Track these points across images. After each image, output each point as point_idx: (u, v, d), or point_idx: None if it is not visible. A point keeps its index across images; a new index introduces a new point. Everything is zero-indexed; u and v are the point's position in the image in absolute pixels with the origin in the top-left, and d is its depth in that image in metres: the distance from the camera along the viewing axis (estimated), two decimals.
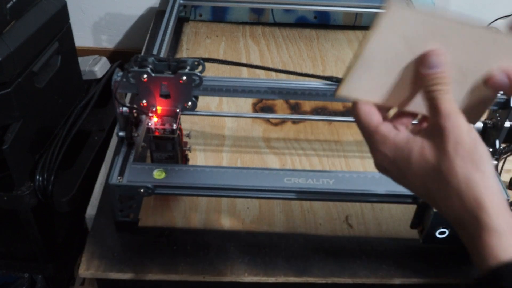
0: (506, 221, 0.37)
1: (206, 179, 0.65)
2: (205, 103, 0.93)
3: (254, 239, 0.69)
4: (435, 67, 0.41)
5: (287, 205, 0.74)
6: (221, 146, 0.84)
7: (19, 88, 0.77)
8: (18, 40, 0.77)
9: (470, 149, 0.38)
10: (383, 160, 0.42)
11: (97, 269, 0.63)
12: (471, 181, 0.38)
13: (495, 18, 1.37)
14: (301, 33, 1.21)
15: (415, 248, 0.68)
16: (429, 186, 0.40)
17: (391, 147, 0.41)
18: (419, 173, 0.40)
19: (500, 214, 0.37)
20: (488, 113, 0.72)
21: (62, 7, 0.90)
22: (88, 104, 1.00)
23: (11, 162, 0.78)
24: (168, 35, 0.99)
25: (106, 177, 0.77)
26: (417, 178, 0.40)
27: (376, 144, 0.42)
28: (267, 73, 1.03)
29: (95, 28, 1.36)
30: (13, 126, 0.78)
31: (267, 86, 0.68)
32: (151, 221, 0.70)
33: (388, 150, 0.41)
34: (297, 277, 0.64)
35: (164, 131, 0.65)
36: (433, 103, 0.40)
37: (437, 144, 0.39)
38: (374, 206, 0.74)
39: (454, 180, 0.38)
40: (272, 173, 0.67)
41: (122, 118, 0.67)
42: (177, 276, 0.63)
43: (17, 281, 1.09)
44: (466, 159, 0.38)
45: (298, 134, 0.88)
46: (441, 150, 0.39)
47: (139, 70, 0.63)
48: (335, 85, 0.68)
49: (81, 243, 0.70)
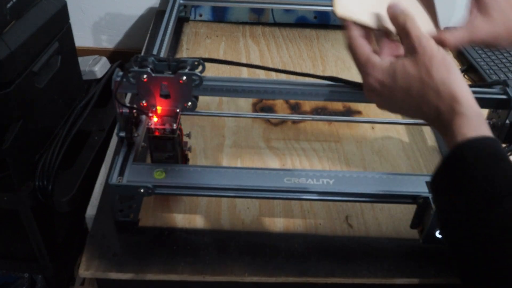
0: (474, 109, 0.47)
1: (206, 179, 0.65)
2: (205, 103, 0.93)
3: (254, 239, 0.69)
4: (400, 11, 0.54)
5: (287, 205, 0.74)
6: (221, 146, 0.84)
7: (19, 88, 0.77)
8: (18, 40, 0.77)
9: (442, 59, 0.49)
10: (374, 82, 0.52)
11: (97, 269, 0.63)
12: (446, 81, 0.48)
13: None
14: (301, 33, 1.21)
15: (415, 248, 0.68)
16: (412, 95, 0.50)
17: (379, 70, 0.51)
18: (403, 86, 0.50)
19: (470, 105, 0.47)
20: (488, 113, 0.72)
21: (62, 7, 0.90)
22: (88, 104, 1.00)
23: (11, 162, 0.78)
24: (168, 35, 0.99)
25: (106, 177, 0.77)
26: (402, 90, 0.50)
27: (368, 70, 0.52)
28: (267, 73, 1.03)
29: (95, 28, 1.36)
30: (13, 126, 0.78)
31: (267, 86, 0.68)
32: (151, 221, 0.70)
33: (377, 73, 0.51)
34: (297, 277, 0.64)
35: (164, 131, 0.65)
36: (406, 32, 0.52)
37: (416, 60, 0.50)
38: (374, 206, 0.74)
39: (432, 83, 0.48)
40: (272, 173, 0.67)
41: (122, 118, 0.67)
42: (177, 276, 0.63)
43: (17, 281, 1.09)
44: (440, 66, 0.49)
45: (298, 134, 0.88)
46: (419, 64, 0.49)
47: (139, 70, 0.63)
48: (335, 85, 0.69)
49: (81, 243, 0.70)
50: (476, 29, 0.56)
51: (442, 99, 0.48)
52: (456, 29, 0.56)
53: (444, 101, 0.47)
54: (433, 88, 0.48)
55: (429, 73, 0.49)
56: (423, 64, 0.49)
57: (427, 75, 0.49)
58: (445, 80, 0.48)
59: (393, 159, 0.84)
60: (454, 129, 0.46)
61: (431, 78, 0.48)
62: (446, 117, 0.47)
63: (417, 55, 0.50)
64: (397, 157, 0.84)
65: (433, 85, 0.48)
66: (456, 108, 0.47)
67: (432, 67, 0.49)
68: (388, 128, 0.91)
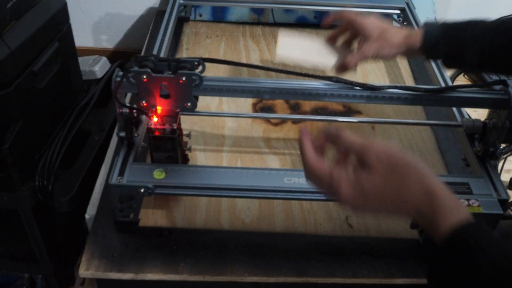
0: (449, 197, 0.46)
1: (206, 179, 0.65)
2: (205, 103, 0.93)
3: (254, 239, 0.69)
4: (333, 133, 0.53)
5: (287, 205, 0.74)
6: (221, 146, 0.84)
7: (19, 88, 0.77)
8: (18, 40, 0.77)
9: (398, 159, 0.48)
10: (346, 196, 0.49)
11: (97, 269, 0.63)
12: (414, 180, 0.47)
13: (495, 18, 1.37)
14: (301, 33, 1.21)
15: (415, 248, 0.68)
16: (387, 200, 0.48)
17: (347, 184, 0.49)
18: (376, 194, 0.48)
19: (445, 196, 0.46)
20: (488, 113, 0.72)
21: (62, 7, 0.90)
22: (88, 104, 1.00)
23: (11, 162, 0.78)
24: (168, 35, 0.99)
25: (106, 177, 0.77)
26: (375, 198, 0.48)
27: (336, 187, 0.49)
28: (267, 73, 1.02)
29: (95, 28, 1.36)
30: (13, 126, 0.78)
31: (267, 86, 0.68)
32: (151, 221, 0.70)
33: (346, 188, 0.49)
34: (297, 277, 0.64)
35: (164, 131, 0.65)
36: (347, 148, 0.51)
37: (375, 172, 0.48)
38: None
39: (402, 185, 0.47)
40: (272, 173, 0.67)
41: (122, 118, 0.67)
42: (177, 276, 0.63)
43: (17, 281, 1.09)
44: (401, 168, 0.47)
45: (298, 134, 0.88)
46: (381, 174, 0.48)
47: (139, 70, 0.63)
48: (335, 85, 0.69)
49: (81, 243, 0.70)
50: (364, 51, 0.76)
51: (417, 198, 0.46)
52: (353, 53, 0.78)
53: (420, 199, 0.46)
54: (405, 191, 0.47)
55: (396, 178, 0.47)
56: (383, 173, 0.48)
57: (394, 180, 0.47)
58: (412, 179, 0.47)
59: None
60: (439, 223, 0.45)
61: (400, 182, 0.47)
62: (426, 212, 0.46)
63: (373, 168, 0.48)
64: None
65: (403, 188, 0.47)
66: (434, 202, 0.46)
67: (394, 172, 0.47)
68: (388, 128, 0.91)
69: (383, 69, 1.09)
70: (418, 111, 0.95)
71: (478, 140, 0.74)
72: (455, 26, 0.75)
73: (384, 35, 0.76)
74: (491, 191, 0.66)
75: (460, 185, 0.66)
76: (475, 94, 0.69)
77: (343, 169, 0.50)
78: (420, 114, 0.95)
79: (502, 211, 0.64)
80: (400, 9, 1.19)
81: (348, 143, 0.51)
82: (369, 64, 1.10)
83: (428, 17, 1.29)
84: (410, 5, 1.19)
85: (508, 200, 0.66)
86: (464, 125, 0.74)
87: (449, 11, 1.37)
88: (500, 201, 0.65)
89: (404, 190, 0.47)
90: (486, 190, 0.66)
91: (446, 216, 0.45)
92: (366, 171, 0.48)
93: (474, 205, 0.63)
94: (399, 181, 0.47)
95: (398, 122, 0.91)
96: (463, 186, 0.66)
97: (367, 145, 0.49)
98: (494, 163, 0.71)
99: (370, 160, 0.48)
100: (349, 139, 0.51)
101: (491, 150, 0.71)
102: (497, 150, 0.71)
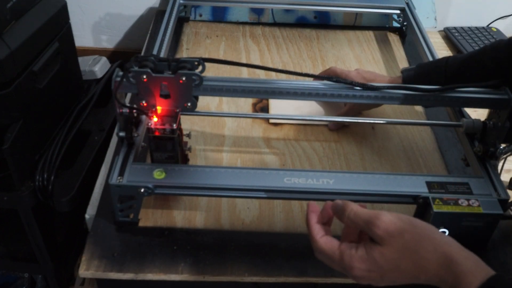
0: (469, 258, 0.45)
1: (206, 179, 0.65)
2: (205, 103, 0.93)
3: (254, 239, 0.69)
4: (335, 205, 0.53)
5: (287, 205, 0.74)
6: (221, 146, 0.84)
7: (19, 88, 0.77)
8: (18, 40, 0.77)
9: (409, 230, 0.47)
10: (361, 272, 0.48)
11: (97, 269, 0.63)
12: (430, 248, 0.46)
13: (495, 18, 1.37)
14: (301, 33, 1.21)
15: None
16: (404, 272, 0.47)
17: (359, 261, 0.48)
18: (393, 268, 0.47)
19: (464, 257, 0.45)
20: (488, 113, 0.72)
21: (62, 7, 0.90)
22: (88, 104, 1.00)
23: (11, 162, 0.78)
24: (168, 35, 0.99)
25: (106, 177, 0.77)
26: (393, 271, 0.47)
27: (349, 263, 0.48)
28: (267, 73, 1.03)
29: (95, 28, 1.36)
30: (13, 126, 0.78)
31: (267, 86, 0.68)
32: (151, 221, 0.70)
33: (360, 264, 0.48)
34: (297, 277, 0.64)
35: (164, 131, 0.65)
36: (354, 222, 0.49)
37: (388, 246, 0.47)
38: (374, 206, 0.74)
39: (418, 256, 0.46)
40: (272, 173, 0.67)
41: (122, 118, 0.67)
42: (177, 276, 0.63)
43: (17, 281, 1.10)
44: (416, 238, 0.46)
45: (298, 134, 0.88)
46: (394, 247, 0.46)
47: (139, 70, 0.63)
48: (335, 85, 0.69)
49: (81, 243, 0.70)
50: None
51: (436, 266, 0.45)
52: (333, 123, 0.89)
53: (439, 267, 0.45)
54: (422, 261, 0.46)
55: (409, 249, 0.46)
56: (396, 247, 0.46)
57: (409, 253, 0.46)
58: (427, 248, 0.46)
59: (393, 159, 0.84)
60: (465, 286, 0.44)
61: (414, 253, 0.46)
62: (449, 278, 0.45)
63: (385, 242, 0.47)
64: (397, 157, 0.84)
65: (420, 259, 0.46)
66: (455, 268, 0.45)
67: (407, 245, 0.46)
68: (388, 128, 0.91)
69: (383, 69, 1.09)
70: (418, 111, 0.95)
71: (478, 140, 0.74)
72: (428, 62, 0.86)
73: None
74: (491, 191, 0.66)
75: (460, 185, 0.66)
76: (475, 94, 0.69)
77: (353, 245, 0.49)
78: (420, 114, 0.95)
79: (502, 211, 0.64)
80: (400, 9, 1.20)
81: (354, 217, 0.50)
82: (369, 64, 1.10)
83: (428, 17, 1.30)
84: (410, 5, 1.19)
85: (508, 200, 0.66)
86: (464, 125, 0.74)
87: (449, 11, 1.37)
88: (500, 201, 0.65)
89: (421, 261, 0.46)
90: (486, 190, 0.66)
91: (469, 277, 0.44)
92: (377, 246, 0.47)
93: (474, 205, 0.63)
94: (413, 253, 0.46)
95: (398, 122, 0.91)
96: (463, 186, 0.66)
97: (374, 219, 0.48)
98: (494, 163, 0.71)
99: (380, 234, 0.47)
100: (355, 213, 0.50)
101: (491, 150, 0.71)
102: (497, 150, 0.71)
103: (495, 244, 0.69)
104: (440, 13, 1.33)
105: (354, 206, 0.50)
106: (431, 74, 0.80)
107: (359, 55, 1.14)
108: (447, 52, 1.26)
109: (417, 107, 0.96)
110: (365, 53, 1.15)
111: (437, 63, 0.81)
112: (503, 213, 0.64)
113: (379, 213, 0.48)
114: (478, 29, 1.32)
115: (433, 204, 0.63)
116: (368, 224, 0.48)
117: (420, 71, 0.82)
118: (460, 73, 0.77)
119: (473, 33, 1.30)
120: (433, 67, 0.81)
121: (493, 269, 0.45)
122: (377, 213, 0.48)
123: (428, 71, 0.81)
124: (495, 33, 1.31)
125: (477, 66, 0.76)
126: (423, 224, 0.48)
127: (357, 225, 0.50)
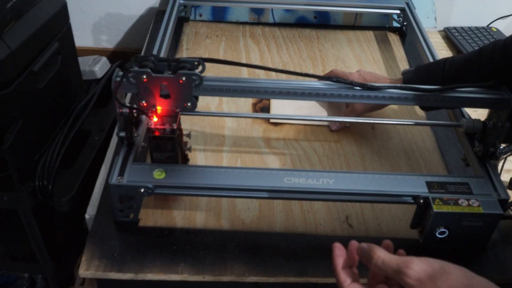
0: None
1: (206, 179, 0.65)
2: (205, 103, 0.93)
3: (254, 239, 0.69)
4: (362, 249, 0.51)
5: (287, 205, 0.74)
6: (221, 146, 0.84)
7: (19, 88, 0.77)
8: (18, 40, 0.77)
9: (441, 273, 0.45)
10: None
11: (97, 269, 0.63)
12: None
13: (495, 18, 1.37)
14: (301, 33, 1.21)
15: (415, 248, 0.68)
16: None
17: None
18: None
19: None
20: (488, 113, 0.72)
21: (62, 7, 0.90)
22: (88, 104, 1.00)
23: (11, 162, 0.78)
24: (168, 35, 0.99)
25: (106, 177, 0.77)
26: None
27: None
28: (267, 73, 1.03)
29: (95, 28, 1.36)
30: (13, 126, 0.78)
31: (267, 86, 0.68)
32: (151, 221, 0.70)
33: None
34: (297, 277, 0.64)
35: (164, 131, 0.65)
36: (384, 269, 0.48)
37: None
38: (374, 206, 0.74)
39: None
40: (272, 173, 0.67)
41: (122, 118, 0.67)
42: (177, 276, 0.63)
43: (17, 281, 1.10)
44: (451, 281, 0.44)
45: (298, 134, 0.88)
46: None
47: (139, 70, 0.63)
48: (335, 85, 0.69)
49: (81, 243, 0.70)
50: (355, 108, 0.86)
51: None
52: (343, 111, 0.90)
53: None
54: None
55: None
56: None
57: None
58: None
59: (393, 159, 0.84)
60: None
61: None
62: None
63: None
64: (397, 157, 0.84)
65: None
66: None
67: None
68: (388, 128, 0.91)
69: (383, 69, 1.09)
70: (418, 111, 0.95)
71: (478, 140, 0.74)
72: (427, 64, 0.85)
73: None
74: (491, 191, 0.66)
75: (460, 185, 0.66)
76: (475, 94, 0.69)
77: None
78: (420, 114, 0.95)
79: (502, 211, 0.64)
80: (400, 9, 1.20)
81: (383, 265, 0.48)
82: (369, 64, 1.10)
83: (428, 17, 1.30)
84: (410, 5, 1.19)
85: (508, 200, 0.66)
86: (464, 125, 0.74)
87: (449, 11, 1.37)
88: (500, 201, 0.65)
89: None
90: (486, 190, 0.66)
91: None
92: None
93: (474, 205, 0.63)
94: None
95: (398, 122, 0.91)
96: (463, 186, 0.66)
97: (404, 268, 0.46)
98: (494, 163, 0.72)
99: (412, 284, 0.45)
100: (383, 261, 0.48)
101: (491, 150, 0.71)
102: (497, 150, 0.71)
103: (495, 244, 0.69)
104: (440, 13, 1.33)
105: (381, 253, 0.49)
106: (428, 78, 0.80)
107: (359, 55, 1.14)
108: (447, 52, 1.26)
109: (417, 107, 0.96)
110: (365, 53, 1.15)
111: (435, 67, 0.81)
112: (503, 213, 0.64)
113: (409, 260, 0.46)
114: (478, 29, 1.32)
115: (433, 204, 0.63)
116: (398, 273, 0.46)
117: (418, 75, 0.82)
118: (458, 75, 0.76)
119: (473, 33, 1.30)
120: (430, 70, 0.81)
121: (493, 269, 0.45)
122: (407, 260, 0.47)
123: (426, 75, 0.81)
124: (495, 33, 1.31)
125: (474, 68, 0.75)
126: (455, 269, 0.46)
127: (385, 273, 0.48)
